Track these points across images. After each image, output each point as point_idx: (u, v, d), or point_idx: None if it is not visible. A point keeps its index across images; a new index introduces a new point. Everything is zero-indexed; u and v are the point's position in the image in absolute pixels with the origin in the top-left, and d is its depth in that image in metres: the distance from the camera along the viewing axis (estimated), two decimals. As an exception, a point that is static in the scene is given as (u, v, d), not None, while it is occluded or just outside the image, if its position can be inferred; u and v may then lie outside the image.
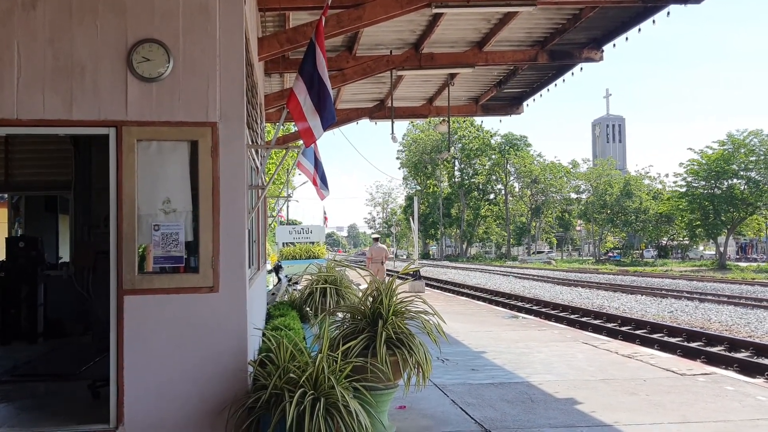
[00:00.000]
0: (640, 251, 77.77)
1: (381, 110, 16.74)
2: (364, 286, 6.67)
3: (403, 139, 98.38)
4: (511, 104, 17.06)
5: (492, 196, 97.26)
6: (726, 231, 57.49)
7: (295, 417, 4.53)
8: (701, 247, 77.55)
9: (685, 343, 14.23)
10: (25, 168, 10.88)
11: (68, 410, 6.02)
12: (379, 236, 23.97)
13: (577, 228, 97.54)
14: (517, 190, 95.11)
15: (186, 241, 5.50)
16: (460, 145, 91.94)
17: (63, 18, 5.39)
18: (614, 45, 12.07)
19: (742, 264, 59.05)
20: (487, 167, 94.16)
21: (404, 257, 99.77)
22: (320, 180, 12.12)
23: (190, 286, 5.45)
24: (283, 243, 32.70)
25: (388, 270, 27.47)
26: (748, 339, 14.43)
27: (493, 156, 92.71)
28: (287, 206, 40.60)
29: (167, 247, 5.47)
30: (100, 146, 6.57)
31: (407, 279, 22.68)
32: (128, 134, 5.40)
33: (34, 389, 6.89)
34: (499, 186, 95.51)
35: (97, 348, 7.81)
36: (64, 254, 11.63)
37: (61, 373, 7.57)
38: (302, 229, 35.29)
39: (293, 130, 18.43)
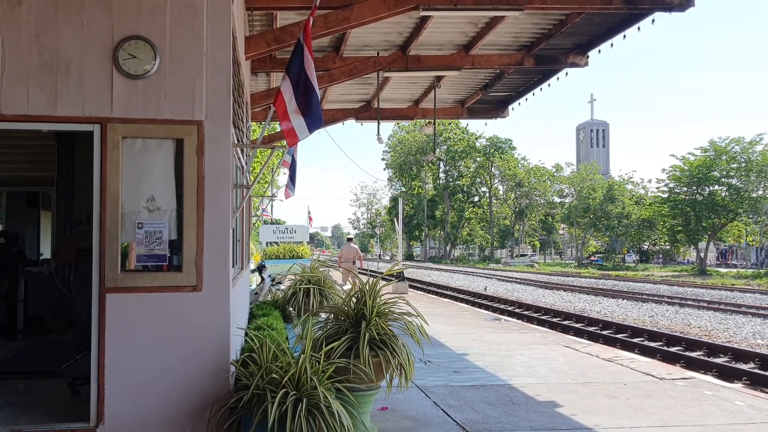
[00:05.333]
0: (622, 256, 78.41)
1: (367, 111, 16.74)
2: (348, 286, 6.67)
3: (388, 140, 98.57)
4: (496, 107, 17.13)
5: (476, 198, 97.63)
6: (707, 237, 58.07)
7: (277, 417, 4.53)
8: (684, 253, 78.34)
9: (665, 348, 14.37)
10: (7, 163, 10.76)
11: (48, 408, 5.97)
12: (352, 237, 24.10)
13: (560, 232, 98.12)
14: (501, 192, 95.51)
15: (170, 240, 5.47)
16: (445, 147, 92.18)
17: (49, 13, 5.35)
18: (599, 51, 12.18)
19: (722, 270, 59.68)
20: (471, 170, 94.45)
21: (388, 258, 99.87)
22: (290, 179, 12.09)
23: (174, 285, 5.42)
24: (267, 242, 32.63)
25: (371, 271, 27.40)
26: (727, 344, 14.60)
27: (478, 158, 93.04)
28: (272, 205, 40.49)
29: (151, 245, 5.44)
30: (84, 142, 6.52)
31: (391, 280, 22.71)
32: (113, 131, 5.37)
33: (13, 386, 6.82)
34: (484, 188, 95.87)
35: (78, 346, 7.74)
36: (46, 251, 11.53)
37: (41, 371, 7.50)
38: (286, 228, 35.23)
39: (279, 130, 18.39)
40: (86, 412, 5.32)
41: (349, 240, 23.06)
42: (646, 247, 79.64)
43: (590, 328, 17.62)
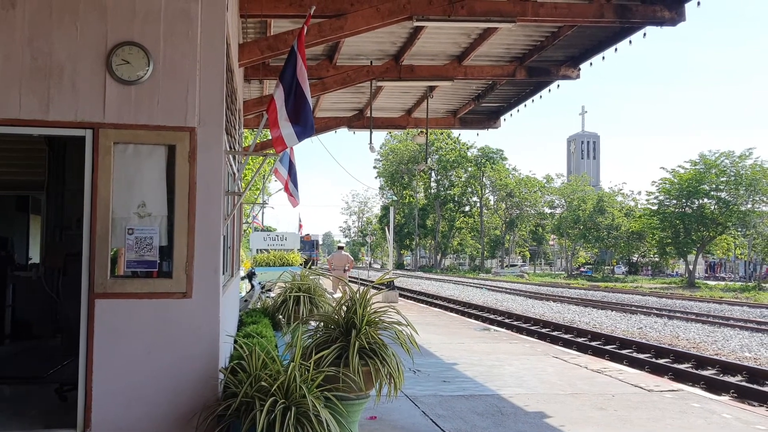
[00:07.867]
0: (612, 267, 78.58)
1: (360, 120, 16.78)
2: (338, 294, 6.67)
3: (380, 149, 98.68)
4: (488, 118, 17.21)
5: (467, 208, 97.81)
6: (696, 250, 58.33)
7: (266, 425, 4.51)
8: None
9: (654, 360, 14.42)
10: (-4, 167, 10.70)
11: (35, 413, 5.93)
12: (343, 245, 24.17)
13: (550, 242, 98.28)
14: (492, 203, 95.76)
15: (160, 246, 5.46)
16: (437, 156, 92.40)
17: (43, 18, 5.35)
18: (591, 63, 12.26)
19: (711, 282, 59.92)
20: (463, 179, 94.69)
21: (378, 267, 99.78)
22: (292, 184, 11.96)
23: (163, 291, 5.40)
24: (257, 249, 32.50)
25: (362, 280, 27.44)
26: (715, 357, 14.65)
27: (470, 168, 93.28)
28: (262, 212, 40.42)
29: (141, 251, 5.43)
30: (75, 147, 6.50)
31: (381, 289, 22.70)
32: (105, 136, 5.36)
33: (-1, 392, 6.78)
34: (475, 198, 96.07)
35: (66, 351, 7.69)
36: (35, 255, 11.45)
37: (28, 376, 7.45)
38: (277, 236, 35.13)
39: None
40: (73, 418, 5.28)
41: (340, 248, 23.07)
42: (636, 259, 79.90)
43: (579, 339, 17.67)
